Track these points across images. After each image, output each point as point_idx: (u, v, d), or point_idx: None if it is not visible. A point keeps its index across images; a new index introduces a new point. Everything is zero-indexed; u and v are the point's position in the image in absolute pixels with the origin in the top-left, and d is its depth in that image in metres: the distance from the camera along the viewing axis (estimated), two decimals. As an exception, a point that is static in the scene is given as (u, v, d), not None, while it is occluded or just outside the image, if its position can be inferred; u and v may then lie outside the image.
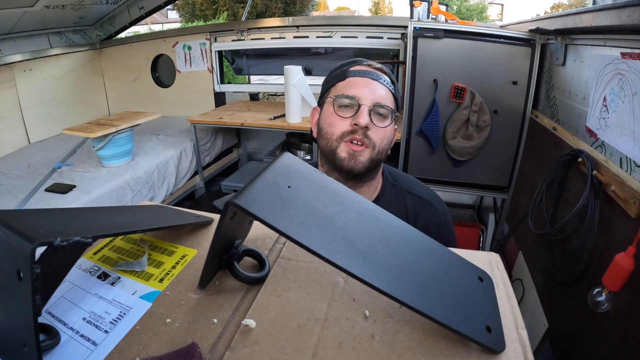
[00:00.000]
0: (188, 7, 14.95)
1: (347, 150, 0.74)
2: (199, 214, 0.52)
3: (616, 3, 1.11)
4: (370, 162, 0.74)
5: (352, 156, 0.73)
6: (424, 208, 0.83)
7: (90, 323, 0.33)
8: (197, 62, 3.06)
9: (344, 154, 0.74)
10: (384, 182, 0.85)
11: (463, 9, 15.18)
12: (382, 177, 0.85)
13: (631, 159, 1.03)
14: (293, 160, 0.41)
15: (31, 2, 2.31)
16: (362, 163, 0.74)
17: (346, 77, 0.77)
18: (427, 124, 1.88)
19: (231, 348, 0.30)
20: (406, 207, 0.83)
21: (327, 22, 2.83)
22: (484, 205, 2.47)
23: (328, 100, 0.78)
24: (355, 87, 0.75)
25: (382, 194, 0.83)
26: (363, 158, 0.74)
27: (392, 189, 0.85)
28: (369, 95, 0.74)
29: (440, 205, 0.85)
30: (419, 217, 0.83)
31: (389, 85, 0.77)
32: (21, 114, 2.71)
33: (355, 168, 0.74)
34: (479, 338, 0.30)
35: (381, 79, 0.77)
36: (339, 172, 0.76)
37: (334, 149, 0.75)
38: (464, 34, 1.79)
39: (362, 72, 0.77)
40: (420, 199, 0.84)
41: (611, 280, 0.91)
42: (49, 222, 0.34)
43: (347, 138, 0.74)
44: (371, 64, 0.80)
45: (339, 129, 0.74)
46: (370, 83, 0.75)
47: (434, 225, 0.83)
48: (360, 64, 0.80)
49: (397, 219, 0.40)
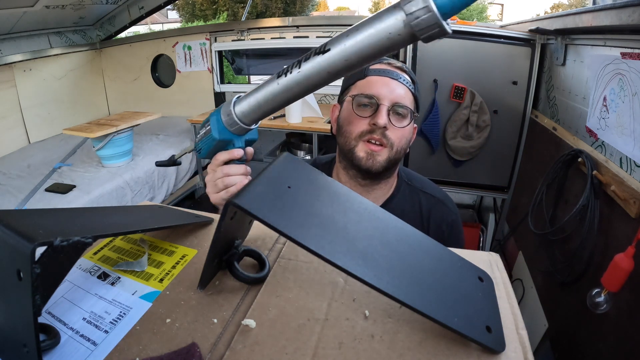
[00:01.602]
0: (188, 7, 14.95)
1: (365, 149, 0.74)
2: (198, 214, 0.52)
3: (616, 3, 1.11)
4: (388, 161, 0.75)
5: (370, 156, 0.74)
6: (437, 207, 0.84)
7: (90, 323, 0.33)
8: (197, 62, 3.06)
9: (362, 153, 0.74)
10: (399, 180, 0.86)
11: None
12: (397, 176, 0.86)
13: (631, 159, 1.03)
14: (293, 160, 0.41)
15: (31, 2, 2.31)
16: (380, 163, 0.74)
17: (366, 76, 0.77)
18: (427, 124, 1.88)
19: (231, 348, 0.30)
20: (420, 205, 0.84)
21: (327, 22, 2.83)
22: (484, 205, 2.47)
23: (347, 99, 0.78)
24: (375, 86, 0.75)
25: (397, 192, 0.84)
26: (381, 158, 0.74)
27: (407, 187, 0.86)
28: (388, 95, 0.74)
29: (452, 206, 0.86)
30: (432, 215, 0.84)
31: (409, 84, 0.77)
32: (21, 114, 2.71)
33: (373, 167, 0.74)
34: (479, 338, 0.30)
35: (401, 78, 0.76)
36: (357, 170, 0.77)
37: (352, 148, 0.75)
38: (464, 34, 1.79)
39: (382, 70, 0.77)
40: (434, 198, 0.85)
41: (610, 280, 0.91)
42: (49, 222, 0.34)
43: (366, 137, 0.74)
44: (391, 62, 0.80)
45: (358, 128, 0.74)
46: (390, 82, 0.75)
47: (447, 224, 0.84)
48: (381, 62, 0.79)
49: (397, 219, 0.40)
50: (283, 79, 0.44)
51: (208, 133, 0.53)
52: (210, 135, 0.53)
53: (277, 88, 0.45)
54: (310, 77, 0.42)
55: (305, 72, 0.42)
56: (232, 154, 0.55)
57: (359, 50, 0.38)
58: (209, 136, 0.53)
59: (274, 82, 0.45)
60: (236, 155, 0.56)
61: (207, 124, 0.54)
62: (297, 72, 0.42)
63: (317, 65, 0.41)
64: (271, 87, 0.45)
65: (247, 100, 0.49)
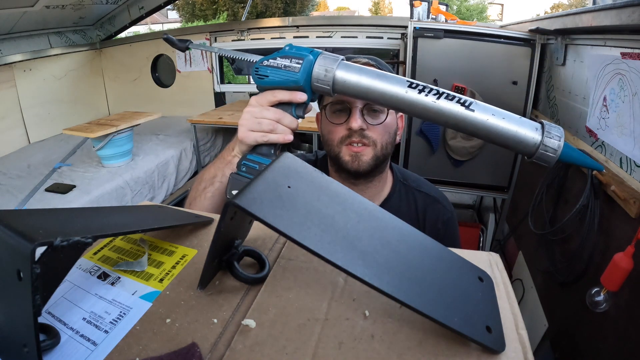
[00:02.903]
0: (188, 7, 14.94)
1: (349, 152, 0.75)
2: (199, 214, 0.52)
3: (616, 3, 1.10)
4: (375, 159, 0.75)
5: (355, 157, 0.74)
6: (433, 206, 0.85)
7: (90, 323, 0.33)
8: (197, 62, 3.06)
9: (346, 157, 0.75)
10: (395, 180, 0.86)
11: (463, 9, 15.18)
12: (393, 176, 0.87)
13: (631, 159, 1.03)
14: (293, 160, 0.41)
15: (31, 2, 2.31)
16: (366, 162, 0.74)
17: None
18: (427, 124, 1.88)
19: (231, 348, 0.30)
20: (416, 204, 0.85)
21: (327, 22, 2.84)
22: (484, 205, 2.47)
23: (321, 111, 0.80)
24: None
25: (393, 192, 0.85)
26: (366, 157, 0.74)
27: (402, 187, 0.86)
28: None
29: (448, 204, 0.87)
30: (428, 214, 0.84)
31: None
32: (21, 114, 2.72)
33: (361, 168, 0.75)
34: (479, 338, 0.30)
35: None
36: (347, 173, 0.77)
37: (337, 154, 0.76)
38: (464, 34, 1.79)
39: None
40: (429, 197, 0.86)
41: (610, 280, 0.91)
42: (49, 222, 0.34)
43: (346, 142, 0.74)
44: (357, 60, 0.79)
45: (337, 135, 0.75)
46: None
47: (442, 223, 0.84)
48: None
49: (397, 218, 0.40)
50: (414, 91, 0.45)
51: (290, 69, 0.49)
52: (292, 73, 0.49)
53: (398, 92, 0.45)
54: (439, 112, 0.44)
55: (439, 105, 0.44)
56: (295, 96, 0.50)
57: (489, 128, 0.43)
58: (290, 73, 0.49)
59: (399, 85, 0.45)
60: (299, 99, 0.50)
61: (289, 55, 0.49)
62: (433, 98, 0.44)
63: (453, 110, 0.43)
64: (393, 87, 0.45)
65: (356, 74, 0.47)
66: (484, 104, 0.44)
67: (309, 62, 0.48)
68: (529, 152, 0.42)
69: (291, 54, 0.49)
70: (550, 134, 0.41)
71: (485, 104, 0.44)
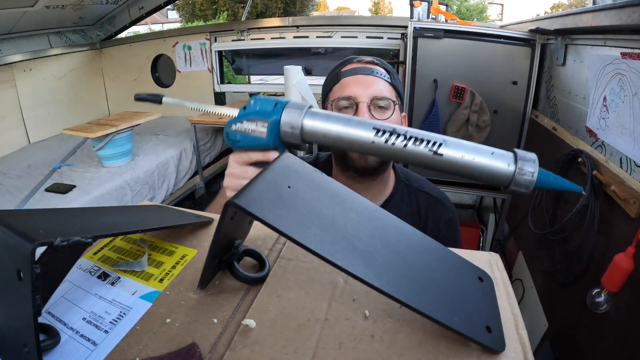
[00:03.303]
0: (188, 7, 14.94)
1: None
2: (199, 214, 0.52)
3: (616, 3, 1.10)
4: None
5: (362, 154, 0.74)
6: (435, 206, 0.85)
7: (90, 323, 0.33)
8: (197, 62, 3.06)
9: (354, 154, 0.75)
10: (397, 180, 0.87)
11: (463, 9, 15.18)
12: (395, 176, 0.87)
13: (631, 159, 1.03)
14: (293, 160, 0.41)
15: (31, 2, 2.31)
16: (374, 159, 0.75)
17: (340, 79, 0.78)
18: (427, 124, 1.88)
19: (231, 348, 0.30)
20: (418, 204, 0.85)
21: (327, 22, 2.84)
22: (484, 205, 2.47)
23: (328, 106, 0.79)
24: (350, 86, 0.75)
25: (396, 192, 0.85)
26: None
27: (405, 187, 0.86)
28: (364, 92, 0.74)
29: (450, 204, 0.87)
30: (430, 214, 0.85)
31: (384, 76, 0.77)
32: (21, 114, 2.71)
33: (368, 165, 0.75)
34: (479, 338, 0.30)
35: (374, 72, 0.77)
36: (353, 171, 0.77)
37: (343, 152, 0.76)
38: (464, 34, 1.79)
39: (354, 70, 0.77)
40: (431, 197, 0.86)
41: (610, 280, 0.91)
42: (49, 222, 0.34)
43: None
44: (362, 59, 0.80)
45: None
46: (363, 79, 0.76)
47: (444, 223, 0.84)
48: (351, 62, 0.80)
49: (397, 219, 0.40)
50: (380, 139, 0.45)
51: (257, 134, 0.49)
52: (260, 138, 0.49)
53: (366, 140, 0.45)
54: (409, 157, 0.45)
55: (408, 151, 0.45)
56: (268, 156, 0.51)
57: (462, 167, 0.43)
58: (258, 138, 0.49)
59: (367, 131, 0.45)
60: (272, 157, 0.51)
61: (254, 118, 0.49)
62: (401, 145, 0.45)
63: (422, 154, 0.44)
64: (361, 133, 0.45)
65: (322, 122, 0.47)
66: (455, 140, 0.44)
67: (274, 123, 0.49)
68: (504, 185, 0.43)
69: (256, 115, 0.50)
70: (523, 167, 0.41)
71: (457, 141, 0.44)
